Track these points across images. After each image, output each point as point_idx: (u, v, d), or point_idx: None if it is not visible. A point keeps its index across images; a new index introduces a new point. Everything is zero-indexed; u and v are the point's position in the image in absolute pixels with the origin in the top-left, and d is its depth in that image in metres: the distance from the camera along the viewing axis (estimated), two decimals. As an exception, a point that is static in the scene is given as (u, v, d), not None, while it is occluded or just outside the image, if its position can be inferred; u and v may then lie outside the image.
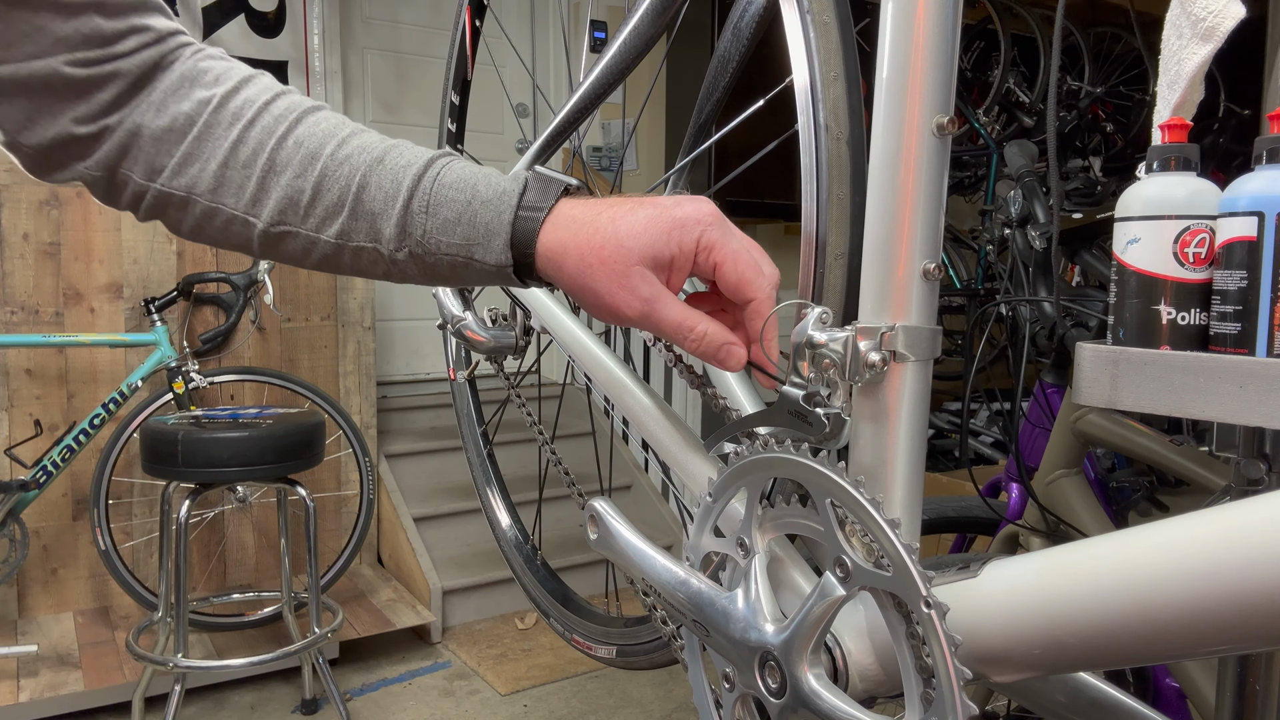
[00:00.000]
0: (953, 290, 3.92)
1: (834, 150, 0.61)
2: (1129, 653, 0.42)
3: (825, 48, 0.61)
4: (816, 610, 0.49)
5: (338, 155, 0.60)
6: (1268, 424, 0.54)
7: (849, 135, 0.61)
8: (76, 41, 0.56)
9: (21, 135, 0.58)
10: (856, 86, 0.61)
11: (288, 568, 2.58)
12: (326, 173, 0.59)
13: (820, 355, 0.52)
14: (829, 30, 0.61)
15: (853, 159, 0.61)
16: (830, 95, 0.61)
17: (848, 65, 0.61)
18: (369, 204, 0.59)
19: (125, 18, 0.58)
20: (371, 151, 0.60)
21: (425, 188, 0.59)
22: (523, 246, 0.57)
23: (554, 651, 2.92)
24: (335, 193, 0.59)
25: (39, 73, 0.56)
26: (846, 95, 0.61)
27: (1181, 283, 0.60)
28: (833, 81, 0.61)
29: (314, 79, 3.90)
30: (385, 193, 0.59)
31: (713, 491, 0.58)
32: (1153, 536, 0.41)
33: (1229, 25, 0.60)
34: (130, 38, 0.59)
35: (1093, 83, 4.62)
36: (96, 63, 0.57)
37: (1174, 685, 1.37)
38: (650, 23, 0.77)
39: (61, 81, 0.57)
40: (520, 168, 0.93)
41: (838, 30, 0.61)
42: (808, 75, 0.61)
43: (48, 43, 0.55)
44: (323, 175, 0.59)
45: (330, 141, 0.60)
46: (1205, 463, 1.36)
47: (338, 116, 0.63)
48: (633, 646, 0.91)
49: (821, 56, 0.61)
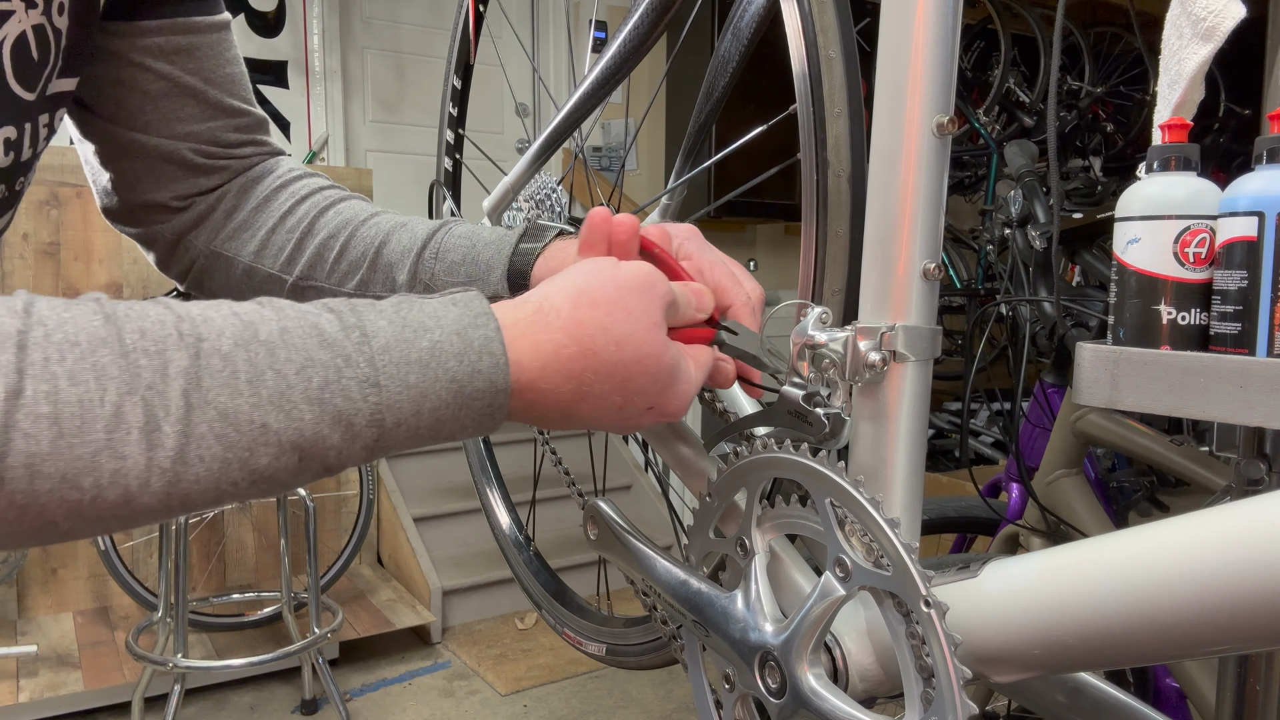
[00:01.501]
0: (953, 290, 3.92)
1: (835, 186, 0.61)
2: (1129, 653, 0.42)
3: (830, 83, 0.60)
4: (816, 610, 0.49)
5: (367, 221, 0.68)
6: (1268, 424, 0.54)
7: (850, 173, 0.60)
8: (207, 138, 0.66)
9: (123, 190, 0.67)
10: (859, 123, 0.61)
11: (287, 568, 2.58)
12: (355, 233, 0.67)
13: (820, 355, 0.52)
14: (834, 65, 0.60)
15: (853, 196, 0.60)
16: (833, 132, 0.61)
17: (851, 102, 0.61)
18: (387, 257, 0.66)
19: (250, 133, 0.70)
20: (395, 218, 0.68)
21: (438, 239, 0.66)
22: (518, 276, 0.63)
23: (554, 651, 2.92)
24: (359, 250, 0.67)
25: (166, 150, 0.65)
26: (849, 133, 0.60)
27: (1182, 283, 0.60)
28: (836, 118, 0.60)
29: (314, 79, 3.90)
30: (403, 246, 0.66)
31: (712, 492, 0.58)
32: (1153, 536, 0.41)
33: (1229, 25, 0.60)
34: (249, 147, 0.70)
35: (1093, 83, 4.62)
36: (215, 158, 0.67)
37: (1174, 685, 1.37)
38: (651, 23, 0.77)
39: (182, 163, 0.66)
40: (520, 167, 0.93)
41: (842, 66, 0.61)
42: (811, 109, 0.61)
43: (182, 131, 0.65)
44: (351, 235, 0.67)
45: (364, 212, 0.69)
46: (1205, 463, 1.36)
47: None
48: (622, 646, 0.91)
49: (826, 91, 0.60)
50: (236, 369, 0.36)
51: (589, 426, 0.50)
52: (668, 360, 0.50)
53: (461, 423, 0.43)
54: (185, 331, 0.36)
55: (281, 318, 0.39)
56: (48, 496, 0.33)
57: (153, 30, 0.62)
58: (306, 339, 0.38)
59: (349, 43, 4.03)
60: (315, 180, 0.72)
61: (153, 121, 0.64)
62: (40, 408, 0.32)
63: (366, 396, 0.39)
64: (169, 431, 0.34)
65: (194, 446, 0.35)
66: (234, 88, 0.68)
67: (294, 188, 0.70)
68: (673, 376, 0.50)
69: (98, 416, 0.33)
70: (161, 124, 0.64)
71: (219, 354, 0.36)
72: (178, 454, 0.35)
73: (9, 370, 0.32)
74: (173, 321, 0.36)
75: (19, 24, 0.49)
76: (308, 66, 3.88)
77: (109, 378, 0.33)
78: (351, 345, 0.39)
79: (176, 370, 0.35)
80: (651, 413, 0.51)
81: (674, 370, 0.50)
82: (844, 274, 0.61)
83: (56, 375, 0.33)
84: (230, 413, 0.35)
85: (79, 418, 0.33)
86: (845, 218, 0.60)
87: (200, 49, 0.65)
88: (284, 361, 0.37)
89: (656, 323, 0.50)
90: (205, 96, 0.66)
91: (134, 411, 0.34)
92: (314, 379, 0.38)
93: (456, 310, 0.44)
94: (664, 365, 0.50)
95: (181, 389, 0.35)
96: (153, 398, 0.34)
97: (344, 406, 0.38)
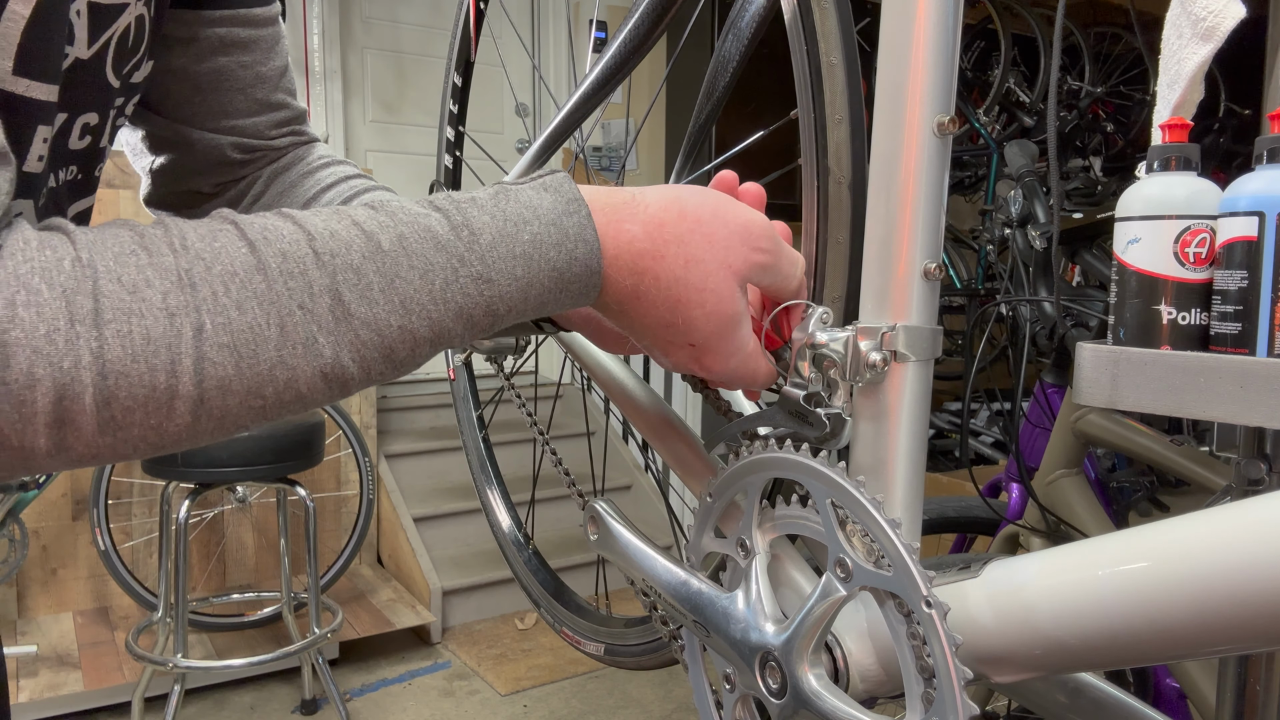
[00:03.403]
0: (953, 290, 3.92)
1: (835, 193, 0.60)
2: (1130, 653, 0.42)
3: (831, 89, 0.60)
4: (817, 610, 0.49)
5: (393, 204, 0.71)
6: (1268, 424, 0.54)
7: (850, 179, 0.60)
8: (250, 132, 0.67)
9: (163, 176, 0.69)
10: (860, 129, 0.60)
11: (287, 568, 2.58)
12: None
13: (821, 355, 0.52)
14: (834, 71, 0.60)
15: (853, 204, 0.60)
16: (834, 139, 0.60)
17: (852, 108, 0.60)
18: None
19: (290, 125, 0.70)
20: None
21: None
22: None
23: (554, 652, 2.92)
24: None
25: (209, 143, 0.66)
26: (850, 139, 0.60)
27: (1182, 283, 0.60)
28: (837, 125, 0.60)
29: (314, 79, 3.90)
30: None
31: (713, 492, 0.58)
32: (1153, 537, 0.41)
33: (1229, 25, 0.60)
34: (287, 137, 0.71)
35: (1093, 83, 4.62)
36: (253, 151, 0.68)
37: (1174, 685, 1.37)
38: (651, 23, 0.77)
39: (221, 157, 0.67)
40: (521, 167, 0.93)
41: (844, 71, 0.60)
42: (812, 115, 0.61)
43: (227, 125, 0.66)
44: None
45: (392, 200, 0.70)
46: (1205, 463, 1.36)
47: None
48: (620, 646, 0.91)
49: (827, 97, 0.60)
50: (370, 281, 0.42)
51: (637, 329, 0.50)
52: (730, 308, 0.50)
53: (561, 301, 0.48)
54: (319, 250, 0.41)
55: (397, 224, 0.43)
56: (238, 408, 0.39)
57: (215, 20, 0.62)
58: (423, 243, 0.43)
59: (349, 43, 4.03)
60: (343, 169, 0.72)
61: (199, 114, 0.65)
62: (221, 338, 0.38)
63: (482, 291, 0.44)
64: (324, 342, 0.40)
65: (345, 351, 0.41)
66: (281, 81, 0.68)
67: (320, 175, 0.70)
68: (728, 327, 0.50)
69: (267, 339, 0.39)
70: (207, 117, 0.65)
71: (351, 268, 0.41)
72: (334, 359, 0.41)
73: (190, 310, 0.38)
74: (305, 240, 0.41)
75: (128, 16, 0.51)
76: (307, 66, 3.88)
77: (269, 303, 0.39)
78: (463, 245, 0.44)
79: (320, 288, 0.41)
80: (692, 351, 0.51)
81: (733, 321, 0.50)
82: (844, 281, 0.60)
83: (226, 307, 0.38)
84: (370, 320, 0.42)
85: (252, 343, 0.39)
86: (846, 225, 0.60)
87: (257, 43, 0.65)
88: (407, 269, 0.42)
89: (734, 268, 0.50)
90: (253, 92, 0.66)
91: (294, 330, 0.40)
92: (435, 281, 0.43)
93: (549, 198, 0.47)
94: (725, 310, 0.49)
95: (328, 305, 0.41)
96: (305, 317, 0.40)
97: (464, 302, 0.44)
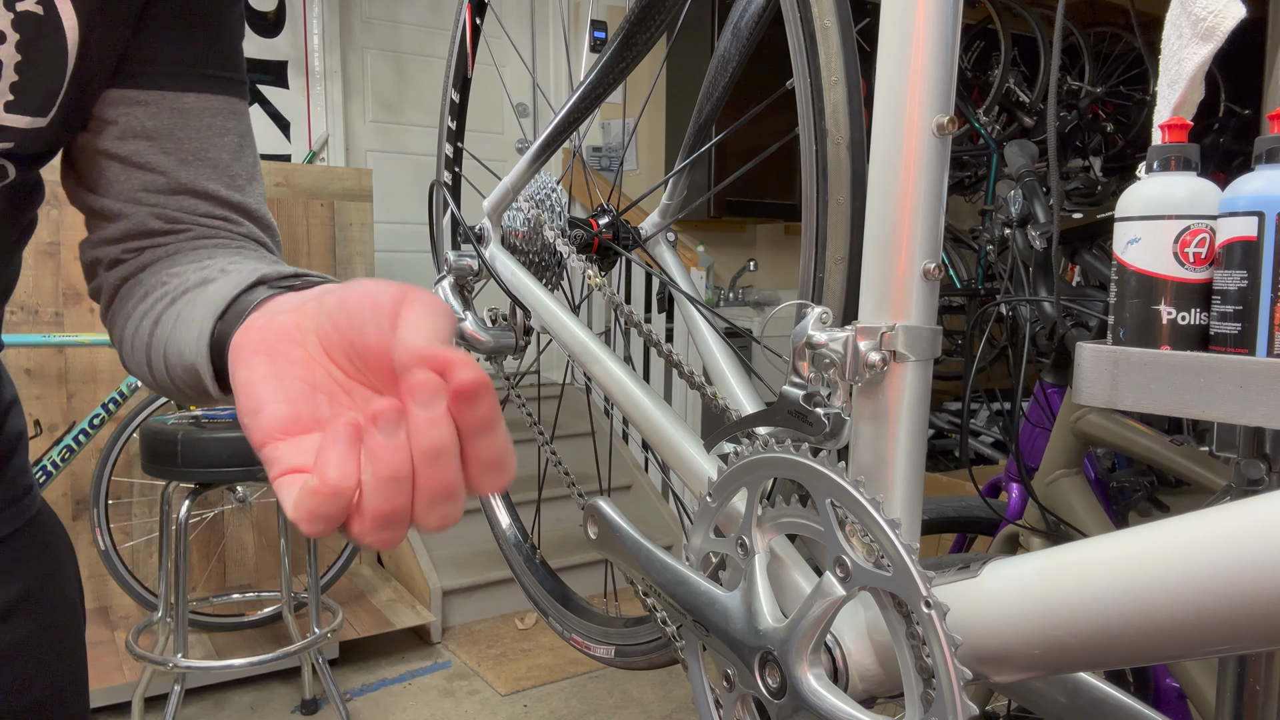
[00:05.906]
0: (953, 290, 3.92)
1: (834, 155, 0.61)
2: (1129, 653, 0.42)
3: (826, 52, 0.61)
4: (816, 610, 0.49)
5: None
6: (1268, 424, 0.54)
7: (849, 140, 0.61)
8: (170, 213, 0.61)
9: (87, 240, 0.63)
10: (857, 91, 0.61)
11: (287, 568, 2.58)
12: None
13: (820, 355, 0.52)
14: (829, 34, 0.61)
15: (853, 164, 0.60)
16: (830, 100, 0.61)
17: (848, 69, 0.61)
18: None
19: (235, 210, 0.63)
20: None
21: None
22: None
23: (554, 651, 2.92)
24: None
25: (129, 215, 0.60)
26: (846, 100, 0.61)
27: (1182, 283, 0.60)
28: (833, 86, 0.61)
29: (314, 79, 3.90)
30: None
31: (713, 492, 0.58)
32: (1153, 536, 0.41)
33: (1229, 25, 0.60)
34: (219, 222, 0.62)
35: (1093, 83, 4.62)
36: (175, 222, 0.61)
37: (1174, 685, 1.37)
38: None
39: (141, 230, 0.61)
40: (520, 167, 0.93)
41: (838, 34, 0.61)
42: (808, 79, 0.61)
43: (151, 201, 0.60)
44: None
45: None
46: (1205, 463, 1.36)
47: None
48: (631, 646, 0.91)
49: (822, 60, 0.61)
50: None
51: None
52: None
53: None
54: None
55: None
56: None
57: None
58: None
59: (349, 43, 4.03)
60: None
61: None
62: None
63: None
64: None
65: None
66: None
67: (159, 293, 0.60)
68: None
69: None
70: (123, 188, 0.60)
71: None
72: None
73: None
74: None
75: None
76: (308, 66, 3.88)
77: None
78: None
79: None
80: None
81: None
82: (846, 242, 0.61)
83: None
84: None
85: None
86: (845, 185, 0.60)
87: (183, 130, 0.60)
88: None
89: None
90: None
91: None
92: None
93: None
94: None
95: None
96: None
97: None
